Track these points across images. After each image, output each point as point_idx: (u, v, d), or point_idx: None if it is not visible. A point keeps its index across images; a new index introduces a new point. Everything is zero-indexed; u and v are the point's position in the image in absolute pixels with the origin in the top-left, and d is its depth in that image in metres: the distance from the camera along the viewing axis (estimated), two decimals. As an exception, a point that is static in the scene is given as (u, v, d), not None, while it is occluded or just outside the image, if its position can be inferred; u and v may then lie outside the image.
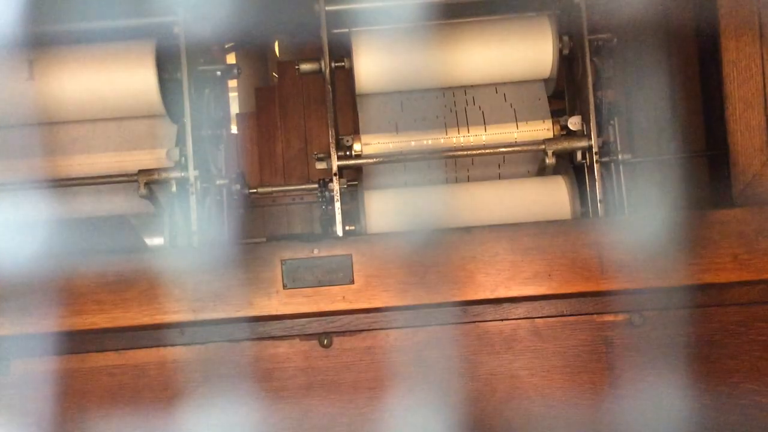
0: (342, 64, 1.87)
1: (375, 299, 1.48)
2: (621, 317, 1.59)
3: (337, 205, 1.76)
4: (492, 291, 1.48)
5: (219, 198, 1.94)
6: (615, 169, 1.87)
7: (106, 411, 1.59)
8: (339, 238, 1.69)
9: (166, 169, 1.76)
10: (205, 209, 1.83)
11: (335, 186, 1.77)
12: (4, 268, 1.43)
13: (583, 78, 1.80)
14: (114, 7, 1.78)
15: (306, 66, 1.86)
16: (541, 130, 1.87)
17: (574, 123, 1.82)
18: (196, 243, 1.74)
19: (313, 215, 2.91)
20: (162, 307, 1.47)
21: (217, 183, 1.93)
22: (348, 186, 1.90)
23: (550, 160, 1.77)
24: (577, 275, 1.48)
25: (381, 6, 1.83)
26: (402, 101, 1.92)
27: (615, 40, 1.85)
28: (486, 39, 1.90)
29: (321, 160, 1.84)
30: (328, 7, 1.82)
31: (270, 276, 1.48)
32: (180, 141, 1.83)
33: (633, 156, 1.87)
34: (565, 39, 1.88)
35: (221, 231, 1.94)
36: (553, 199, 1.85)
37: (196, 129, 1.78)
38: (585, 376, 1.59)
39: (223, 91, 2.24)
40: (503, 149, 1.83)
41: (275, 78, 3.59)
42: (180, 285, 1.47)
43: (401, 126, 1.89)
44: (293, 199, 2.93)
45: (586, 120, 1.79)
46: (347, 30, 1.90)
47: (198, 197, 1.75)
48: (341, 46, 1.89)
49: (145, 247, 1.85)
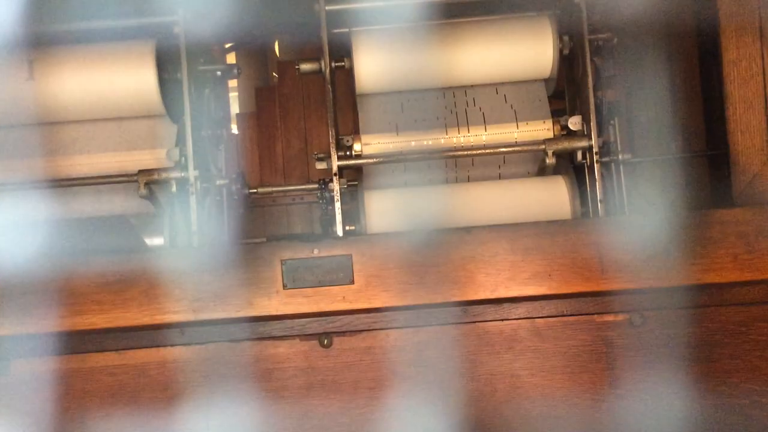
0: (342, 64, 1.87)
1: (375, 299, 1.48)
2: (621, 317, 1.59)
3: (337, 205, 1.76)
4: (492, 291, 1.48)
5: (219, 198, 1.94)
6: (615, 169, 1.87)
7: (106, 411, 1.59)
8: (339, 238, 1.69)
9: (166, 169, 1.76)
10: (205, 209, 1.83)
11: (335, 186, 1.77)
12: (4, 268, 1.43)
13: (584, 78, 1.80)
14: (114, 7, 1.78)
15: (306, 66, 1.86)
16: (542, 130, 1.87)
17: (574, 123, 1.82)
18: (196, 243, 1.74)
19: (313, 215, 2.91)
20: (162, 307, 1.47)
21: (217, 183, 1.93)
22: (348, 186, 1.90)
23: (550, 160, 1.77)
24: (578, 275, 1.48)
25: (381, 6, 1.82)
26: (402, 101, 1.92)
27: (615, 39, 1.85)
28: (486, 39, 1.90)
29: (321, 160, 1.84)
30: (328, 7, 1.82)
31: (270, 276, 1.48)
32: (180, 141, 1.83)
33: (633, 156, 1.87)
34: (566, 39, 1.88)
35: (221, 231, 1.94)
36: (554, 199, 1.85)
37: (196, 129, 1.78)
38: (585, 376, 1.59)
39: (223, 91, 2.24)
40: (503, 149, 1.83)
41: (275, 78, 3.59)
42: (180, 285, 1.47)
43: (401, 126, 1.89)
44: (293, 199, 2.93)
45: (586, 120, 1.79)
46: (347, 30, 1.90)
47: (198, 197, 1.75)
48: (341, 46, 1.89)
49: (145, 248, 1.84)
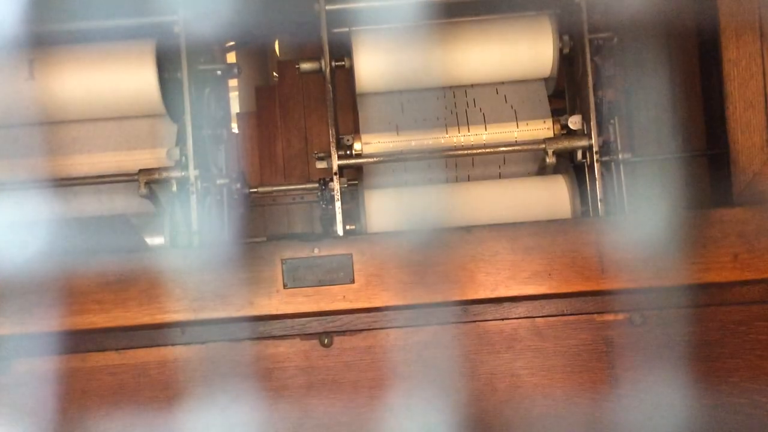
0: (342, 63, 1.87)
1: (375, 299, 1.48)
2: (621, 316, 1.59)
3: (338, 205, 1.76)
4: (492, 290, 1.48)
5: (219, 197, 1.94)
6: (615, 169, 1.87)
7: (106, 410, 1.59)
8: (339, 237, 1.69)
9: (166, 169, 1.76)
10: (206, 209, 1.83)
11: (335, 185, 1.77)
12: (4, 267, 1.43)
13: (584, 77, 1.80)
14: (114, 7, 1.78)
15: (306, 65, 1.86)
16: (542, 129, 1.87)
17: (574, 122, 1.82)
18: (196, 242, 1.74)
19: (314, 215, 2.90)
20: (162, 307, 1.47)
21: (218, 182, 1.93)
22: (348, 185, 1.90)
23: (550, 159, 1.77)
24: (578, 274, 1.48)
25: (381, 5, 1.82)
26: (402, 101, 1.92)
27: (615, 39, 1.85)
28: (486, 38, 1.90)
29: (321, 159, 1.84)
30: (328, 7, 1.82)
31: (270, 275, 1.48)
32: (180, 140, 1.83)
33: (633, 155, 1.87)
34: (566, 38, 1.88)
35: (222, 230, 1.94)
36: (554, 199, 1.85)
37: (196, 128, 1.78)
38: (585, 375, 1.59)
39: (224, 91, 2.23)
40: (503, 148, 1.83)
41: (275, 77, 3.59)
42: (180, 284, 1.47)
43: (401, 125, 1.89)
44: (294, 199, 2.93)
45: (586, 119, 1.79)
46: (347, 29, 1.90)
47: (198, 197, 1.75)
48: (341, 45, 1.89)
49: (146, 247, 1.85)
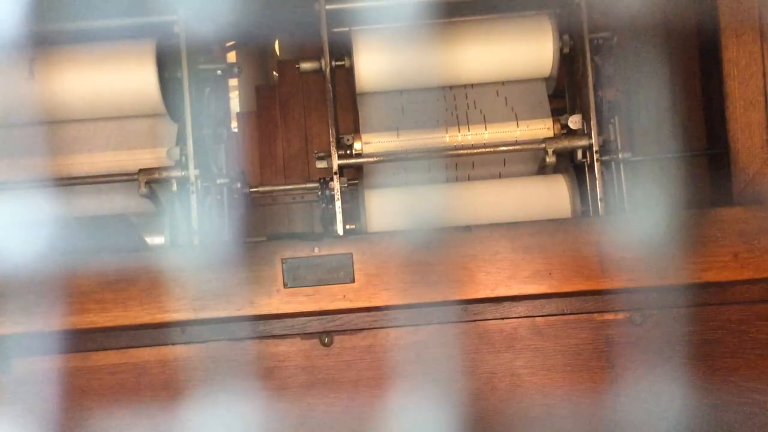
0: (342, 63, 1.87)
1: (375, 298, 1.48)
2: (621, 316, 1.59)
3: (338, 204, 1.76)
4: (492, 290, 1.48)
5: (220, 197, 1.94)
6: (615, 168, 1.87)
7: (107, 409, 1.59)
8: (339, 236, 1.69)
9: (166, 168, 1.76)
10: (206, 208, 1.83)
11: (336, 185, 1.78)
12: (5, 267, 1.43)
13: (584, 77, 1.80)
14: (114, 7, 1.78)
15: (306, 65, 1.86)
16: (542, 129, 1.87)
17: (574, 122, 1.82)
18: (196, 242, 1.74)
19: (314, 214, 2.90)
20: (163, 306, 1.47)
21: (218, 182, 1.93)
22: (348, 185, 1.90)
23: (550, 158, 1.78)
24: (578, 274, 1.48)
25: (381, 5, 1.83)
26: (402, 100, 1.92)
27: (615, 38, 1.85)
28: (486, 38, 1.90)
29: (321, 159, 1.84)
30: (328, 6, 1.82)
31: (271, 275, 1.48)
32: (180, 140, 1.83)
33: (633, 154, 1.87)
34: (566, 38, 1.88)
35: (222, 230, 1.95)
36: (554, 198, 1.85)
37: (196, 128, 1.78)
38: (585, 374, 1.60)
39: (224, 90, 2.24)
40: (504, 148, 1.83)
41: (276, 77, 3.59)
42: (181, 284, 1.47)
43: (402, 125, 1.89)
44: (294, 198, 2.93)
45: (586, 119, 1.79)
46: (347, 29, 1.90)
47: (199, 196, 1.75)
48: (341, 45, 1.89)
49: (146, 246, 1.85)
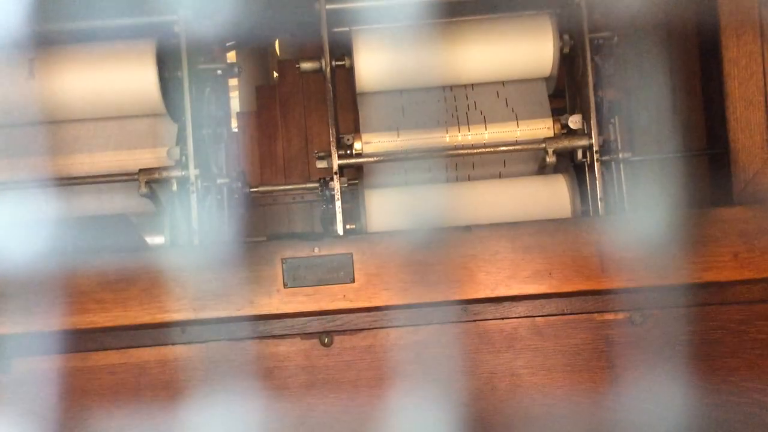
0: (342, 62, 1.87)
1: (375, 298, 1.48)
2: (621, 316, 1.59)
3: (338, 204, 1.76)
4: (492, 289, 1.48)
5: (220, 197, 1.94)
6: (615, 168, 1.87)
7: (107, 409, 1.59)
8: (340, 236, 1.69)
9: (166, 168, 1.76)
10: (206, 208, 1.83)
11: (336, 185, 1.77)
12: (5, 266, 1.43)
13: (584, 76, 1.80)
14: (115, 6, 1.78)
15: (306, 65, 1.86)
16: (542, 128, 1.87)
17: (574, 121, 1.82)
18: (196, 242, 1.74)
19: (314, 214, 2.91)
20: (163, 306, 1.47)
21: (218, 182, 1.93)
22: (348, 185, 1.90)
23: (550, 158, 1.77)
24: (578, 274, 1.48)
25: (381, 5, 1.83)
26: (403, 100, 1.92)
27: (616, 38, 1.85)
28: (487, 37, 1.90)
29: (322, 158, 1.84)
30: (328, 6, 1.82)
31: (271, 275, 1.48)
32: (180, 140, 1.83)
33: (633, 154, 1.87)
34: (566, 37, 1.88)
35: (222, 230, 1.94)
36: (554, 198, 1.85)
37: (196, 128, 1.78)
38: (585, 374, 1.59)
39: (224, 90, 2.23)
40: (504, 148, 1.83)
41: (276, 77, 3.59)
42: (181, 284, 1.47)
43: (402, 125, 1.89)
44: (294, 198, 2.93)
45: (586, 118, 1.79)
46: (348, 29, 1.90)
47: (199, 196, 1.75)
48: (342, 44, 1.89)
49: (146, 246, 1.85)
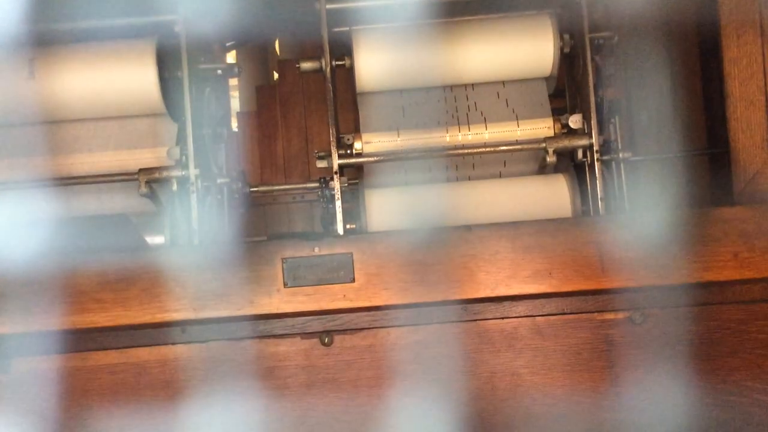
0: (343, 62, 1.87)
1: (376, 297, 1.48)
2: (622, 315, 1.59)
3: (338, 204, 1.76)
4: (492, 289, 1.48)
5: (220, 196, 1.94)
6: (616, 168, 1.87)
7: (107, 409, 1.59)
8: (340, 236, 1.69)
9: (166, 168, 1.76)
10: (206, 208, 1.83)
11: (336, 184, 1.77)
12: (5, 266, 1.43)
13: (584, 76, 1.80)
14: (115, 6, 1.78)
15: (307, 64, 1.86)
16: (542, 128, 1.87)
17: (575, 121, 1.82)
18: (197, 241, 1.74)
19: (314, 214, 2.90)
20: (163, 306, 1.47)
21: (218, 181, 1.93)
22: (349, 184, 1.90)
23: (551, 158, 1.77)
24: (578, 273, 1.48)
25: (382, 4, 1.82)
26: (403, 100, 1.92)
27: (616, 38, 1.85)
28: (487, 37, 1.90)
29: (322, 158, 1.84)
30: (328, 6, 1.82)
31: (271, 274, 1.48)
32: (181, 139, 1.83)
33: (634, 154, 1.87)
34: (566, 37, 1.88)
35: (222, 229, 1.94)
36: (554, 198, 1.85)
37: (196, 127, 1.78)
38: (586, 374, 1.59)
39: (224, 90, 2.23)
40: (504, 148, 1.83)
41: (276, 76, 3.59)
42: (181, 283, 1.47)
43: (402, 124, 1.89)
44: (294, 198, 2.93)
45: (587, 118, 1.79)
46: (348, 28, 1.90)
47: (199, 196, 1.75)
48: (342, 44, 1.89)
49: (146, 246, 1.85)
